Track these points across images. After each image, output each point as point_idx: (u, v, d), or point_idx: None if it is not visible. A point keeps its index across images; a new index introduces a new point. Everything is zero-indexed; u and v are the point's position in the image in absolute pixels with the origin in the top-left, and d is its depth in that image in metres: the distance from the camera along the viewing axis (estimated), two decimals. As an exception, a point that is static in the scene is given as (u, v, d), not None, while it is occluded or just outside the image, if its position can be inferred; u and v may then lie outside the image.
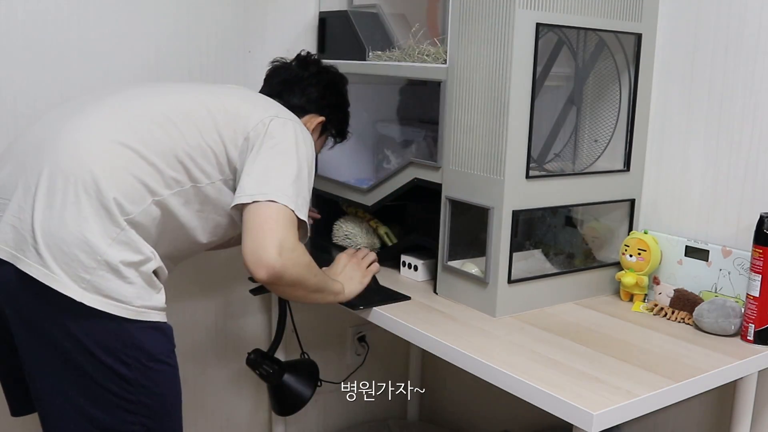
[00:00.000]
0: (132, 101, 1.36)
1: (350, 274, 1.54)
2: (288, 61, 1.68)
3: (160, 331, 1.28)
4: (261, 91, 1.63)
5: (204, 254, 1.64)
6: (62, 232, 1.21)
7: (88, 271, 1.20)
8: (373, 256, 1.63)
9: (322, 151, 1.93)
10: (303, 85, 1.61)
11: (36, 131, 1.35)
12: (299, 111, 1.56)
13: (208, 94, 1.41)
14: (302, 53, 1.69)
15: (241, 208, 1.31)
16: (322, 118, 1.61)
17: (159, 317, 1.28)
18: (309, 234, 1.39)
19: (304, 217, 1.32)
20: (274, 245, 1.25)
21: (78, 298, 1.19)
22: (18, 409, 1.44)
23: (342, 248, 1.86)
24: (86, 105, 1.35)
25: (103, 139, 1.28)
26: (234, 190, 1.36)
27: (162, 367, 1.27)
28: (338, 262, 1.58)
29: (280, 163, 1.33)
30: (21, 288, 1.22)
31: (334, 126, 1.67)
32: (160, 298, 1.29)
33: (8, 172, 1.30)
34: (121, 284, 1.22)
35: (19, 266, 1.22)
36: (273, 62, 1.69)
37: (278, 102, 1.51)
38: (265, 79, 1.67)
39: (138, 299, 1.24)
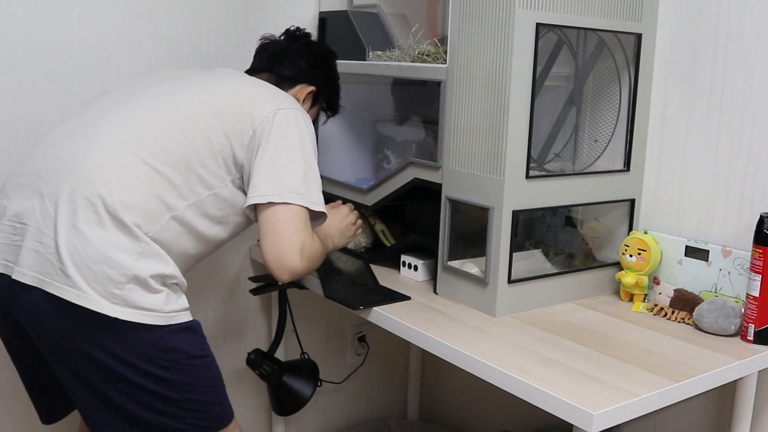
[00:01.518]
0: (139, 114, 1.35)
1: (345, 232, 1.61)
2: (276, 37, 1.69)
3: (190, 330, 1.31)
4: (251, 66, 1.65)
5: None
6: (89, 250, 1.23)
7: (118, 286, 1.23)
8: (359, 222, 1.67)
9: (322, 150, 1.93)
10: (292, 57, 1.62)
11: (44, 153, 1.35)
12: (289, 81, 1.59)
13: (210, 93, 1.40)
14: (291, 28, 1.69)
15: (254, 207, 1.35)
16: (312, 88, 1.62)
17: (186, 317, 1.32)
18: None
19: (320, 208, 1.37)
20: (295, 251, 1.31)
21: (111, 314, 1.22)
22: (49, 417, 1.47)
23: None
24: (91, 123, 1.35)
25: (117, 159, 1.29)
26: (241, 188, 1.39)
27: (199, 362, 1.31)
28: (339, 211, 1.61)
29: (288, 159, 1.35)
30: (52, 313, 1.25)
31: (324, 98, 1.68)
32: (183, 299, 1.33)
33: (22, 196, 1.31)
34: (148, 295, 1.26)
35: (47, 290, 1.24)
36: (261, 38, 1.69)
37: (269, 76, 1.55)
38: (254, 54, 1.67)
39: (166, 305, 1.28)
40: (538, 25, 1.40)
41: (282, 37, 1.67)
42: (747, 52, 1.48)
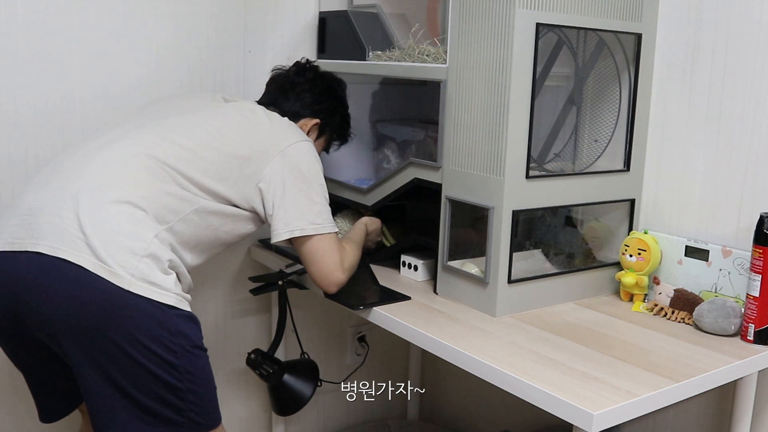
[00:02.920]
0: (157, 136, 1.42)
1: (370, 240, 1.79)
2: (287, 68, 1.73)
3: (193, 321, 1.34)
4: (261, 99, 1.70)
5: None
6: (110, 221, 1.28)
7: (136, 258, 1.26)
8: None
9: (324, 153, 1.93)
10: (297, 91, 1.67)
11: (64, 157, 1.42)
12: (293, 116, 1.64)
13: (225, 131, 1.47)
14: (301, 60, 1.75)
15: (291, 239, 1.49)
16: (316, 121, 1.67)
17: (190, 308, 1.34)
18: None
19: (336, 229, 1.55)
20: (337, 269, 1.51)
21: (126, 287, 1.24)
22: (48, 415, 1.47)
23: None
24: (111, 141, 1.41)
25: (136, 162, 1.36)
26: (247, 208, 1.48)
27: (202, 354, 1.34)
28: (377, 225, 1.79)
29: (309, 191, 1.50)
30: (61, 282, 1.24)
31: (331, 129, 1.73)
32: (186, 292, 1.37)
33: (38, 187, 1.36)
34: (160, 274, 1.29)
35: (67, 258, 1.24)
36: (273, 70, 1.75)
37: (274, 110, 1.61)
38: (266, 85, 1.73)
39: (176, 287, 1.32)
40: (538, 25, 1.39)
41: (291, 69, 1.72)
42: (747, 52, 1.48)
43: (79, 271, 1.23)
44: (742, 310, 1.39)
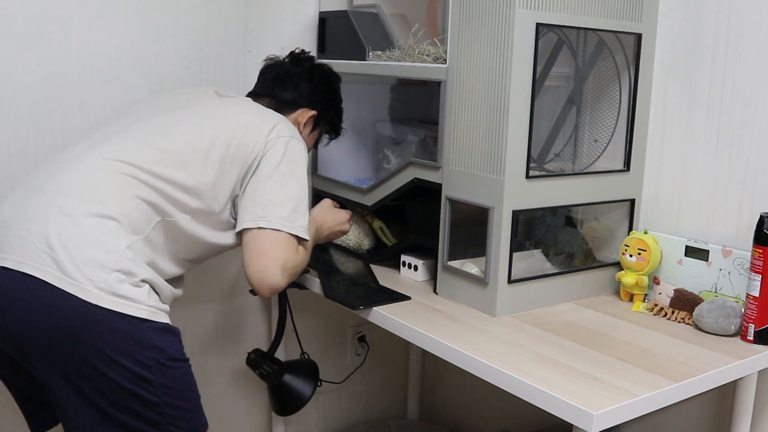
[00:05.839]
0: (140, 140, 1.38)
1: (331, 237, 1.66)
2: (281, 58, 1.70)
3: (171, 333, 1.30)
4: (254, 89, 1.67)
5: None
6: (80, 233, 1.24)
7: (105, 271, 1.22)
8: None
9: (322, 150, 1.93)
10: (295, 81, 1.63)
11: (42, 169, 1.38)
12: (291, 106, 1.61)
13: (212, 125, 1.43)
14: (296, 51, 1.71)
15: (243, 231, 1.41)
16: (313, 112, 1.64)
17: (167, 319, 1.30)
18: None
19: (305, 235, 1.43)
20: (277, 267, 1.38)
21: (93, 301, 1.20)
22: (37, 425, 1.45)
23: (338, 246, 1.86)
24: (92, 147, 1.38)
25: (113, 165, 1.32)
26: (230, 213, 1.44)
27: (179, 365, 1.29)
28: (338, 215, 1.66)
29: (282, 186, 1.42)
30: (28, 298, 1.21)
31: (326, 121, 1.70)
32: (163, 304, 1.33)
33: (14, 200, 1.33)
34: (132, 287, 1.25)
35: (28, 272, 1.21)
36: (266, 59, 1.71)
37: (270, 101, 1.58)
38: (258, 76, 1.69)
39: (149, 299, 1.27)
40: (538, 25, 1.40)
41: (286, 60, 1.69)
42: (747, 52, 1.48)
43: (44, 287, 1.20)
44: (742, 310, 1.39)
